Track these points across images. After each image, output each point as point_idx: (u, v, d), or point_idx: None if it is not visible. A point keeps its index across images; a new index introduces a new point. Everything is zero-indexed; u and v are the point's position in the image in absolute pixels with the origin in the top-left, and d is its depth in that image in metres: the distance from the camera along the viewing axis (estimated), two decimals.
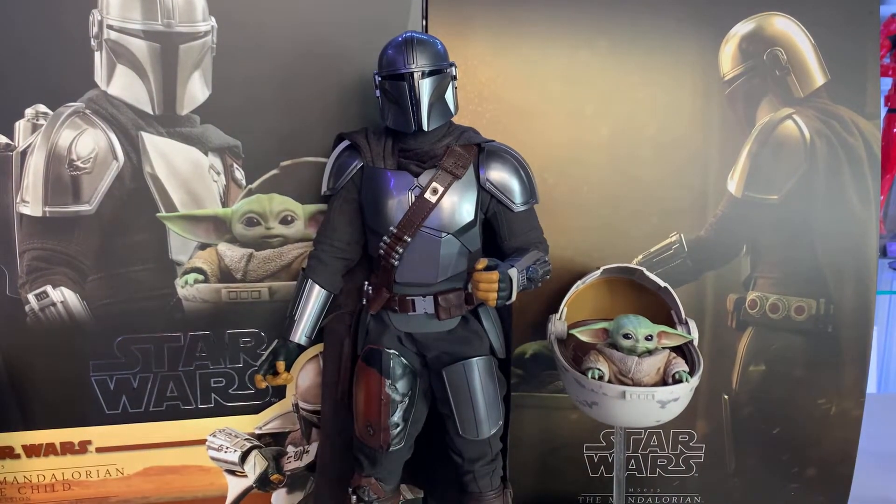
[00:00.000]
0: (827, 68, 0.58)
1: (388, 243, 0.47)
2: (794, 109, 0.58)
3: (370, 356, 0.51)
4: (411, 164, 0.46)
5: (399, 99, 0.44)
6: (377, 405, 0.50)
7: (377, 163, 0.46)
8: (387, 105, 0.45)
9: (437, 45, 0.46)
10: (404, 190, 0.46)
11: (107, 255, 0.56)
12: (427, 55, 0.44)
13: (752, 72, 0.58)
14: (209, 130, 0.55)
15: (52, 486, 0.60)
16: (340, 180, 0.48)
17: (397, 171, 0.46)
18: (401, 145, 0.46)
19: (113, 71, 0.53)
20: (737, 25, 0.58)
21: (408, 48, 0.44)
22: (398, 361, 0.50)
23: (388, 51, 0.45)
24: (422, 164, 0.46)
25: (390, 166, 0.46)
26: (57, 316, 0.55)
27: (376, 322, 0.52)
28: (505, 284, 0.40)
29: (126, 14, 0.52)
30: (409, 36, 0.45)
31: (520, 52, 0.55)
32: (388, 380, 0.50)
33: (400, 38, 0.45)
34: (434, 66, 0.45)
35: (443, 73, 0.45)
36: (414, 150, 0.46)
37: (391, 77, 0.44)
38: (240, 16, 0.55)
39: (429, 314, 0.50)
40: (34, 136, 0.53)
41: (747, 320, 0.59)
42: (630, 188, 0.58)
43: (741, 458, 0.61)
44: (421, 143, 0.46)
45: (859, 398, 0.60)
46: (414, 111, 0.44)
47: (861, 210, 0.60)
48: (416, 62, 0.44)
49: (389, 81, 0.44)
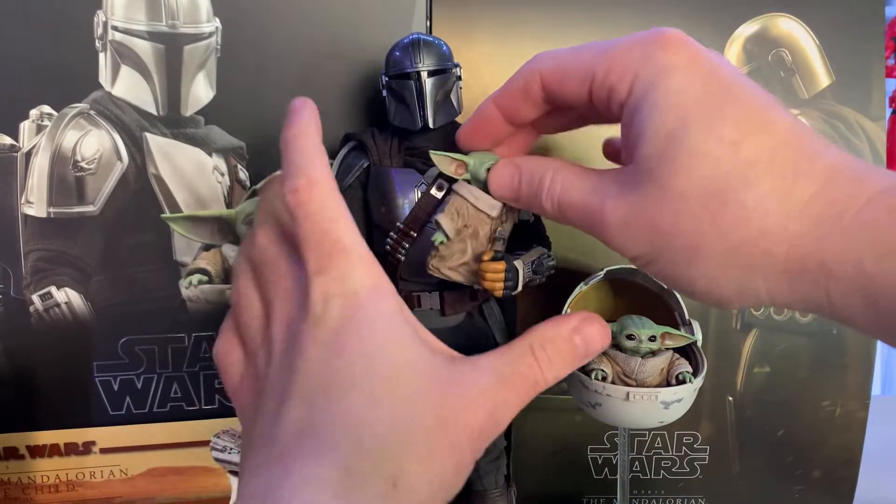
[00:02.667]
0: (832, 69, 0.57)
1: (395, 239, 0.47)
2: (799, 111, 0.58)
3: None
4: (417, 161, 0.45)
5: (406, 97, 0.44)
6: None
7: (384, 162, 0.45)
8: (393, 104, 0.45)
9: (443, 47, 0.46)
10: (411, 187, 0.46)
11: (111, 256, 0.56)
12: (433, 55, 0.45)
13: (756, 73, 0.58)
14: (213, 131, 0.55)
15: (57, 487, 0.60)
16: (347, 179, 0.48)
17: (404, 168, 0.46)
18: (407, 144, 0.45)
19: (117, 72, 0.53)
20: (741, 26, 0.57)
21: (414, 49, 0.44)
22: None
23: (396, 52, 0.46)
24: (428, 162, 0.46)
25: (396, 164, 0.45)
26: (61, 317, 0.55)
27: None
28: (511, 274, 0.39)
29: (131, 15, 0.52)
30: (415, 37, 0.45)
31: (524, 52, 0.55)
32: None
33: (406, 40, 0.45)
34: (439, 66, 0.44)
35: (448, 72, 0.45)
36: (420, 149, 0.45)
37: (398, 76, 0.45)
38: (244, 17, 0.54)
39: (434, 310, 0.49)
40: (39, 137, 0.53)
41: (752, 322, 0.59)
42: None
43: (746, 460, 0.61)
44: (427, 142, 0.45)
45: (864, 400, 0.59)
46: (420, 109, 0.44)
47: None
48: (423, 62, 0.44)
49: (396, 80, 0.44)
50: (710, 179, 0.26)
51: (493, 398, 0.26)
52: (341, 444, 0.22)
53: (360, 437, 0.23)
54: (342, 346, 0.24)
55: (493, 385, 0.26)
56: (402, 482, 0.23)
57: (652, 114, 0.27)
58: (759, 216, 0.26)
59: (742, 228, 0.26)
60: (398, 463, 0.23)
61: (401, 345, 0.25)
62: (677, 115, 0.26)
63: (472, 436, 0.25)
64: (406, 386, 0.24)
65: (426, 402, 0.24)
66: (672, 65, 0.27)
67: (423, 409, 0.24)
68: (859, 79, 0.57)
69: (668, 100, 0.26)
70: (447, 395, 0.25)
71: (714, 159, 0.26)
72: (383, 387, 0.24)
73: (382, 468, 0.22)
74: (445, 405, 0.25)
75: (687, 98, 0.26)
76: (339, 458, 0.22)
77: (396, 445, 0.23)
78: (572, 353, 0.30)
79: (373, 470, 0.22)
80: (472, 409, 0.26)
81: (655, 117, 0.27)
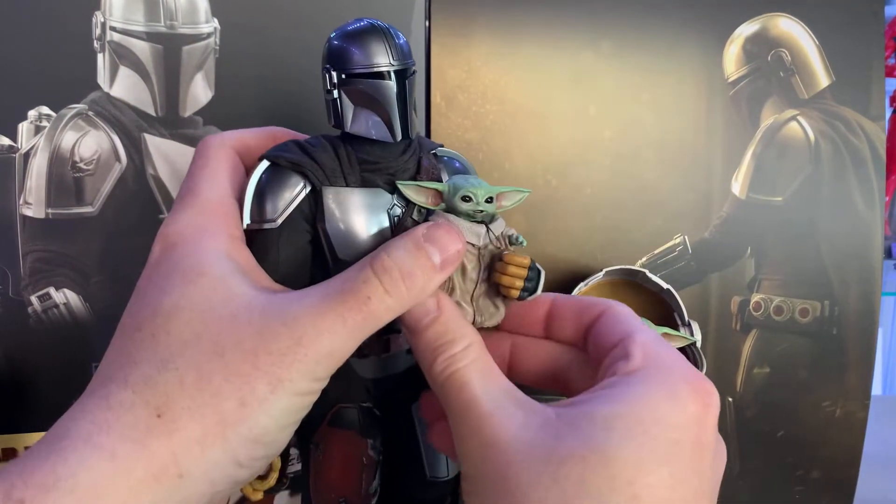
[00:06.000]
0: (832, 69, 0.57)
1: None
2: (798, 111, 0.58)
3: (342, 417, 0.41)
4: (378, 178, 0.36)
5: (384, 102, 0.35)
6: (358, 473, 0.41)
7: (336, 181, 0.36)
8: (352, 109, 0.36)
9: (402, 37, 0.37)
10: (381, 210, 0.36)
11: (110, 257, 0.56)
12: (405, 50, 0.36)
13: (756, 73, 0.57)
14: (212, 132, 0.55)
15: None
16: (283, 211, 0.36)
17: (366, 188, 0.36)
18: (361, 157, 0.36)
19: (116, 73, 0.53)
20: (741, 27, 0.57)
21: (388, 41, 0.35)
22: (373, 415, 0.41)
23: (354, 43, 0.36)
24: (393, 179, 0.37)
25: (354, 183, 0.36)
26: (60, 318, 0.55)
27: (337, 377, 0.38)
28: (533, 273, 0.33)
29: (129, 16, 0.52)
30: (382, 25, 0.36)
31: (523, 53, 0.55)
32: (370, 440, 0.41)
33: (365, 26, 0.35)
34: (410, 63, 0.37)
35: (415, 71, 0.37)
36: (381, 164, 0.36)
37: (367, 76, 0.35)
38: (243, 18, 0.54)
39: (400, 351, 0.40)
40: (37, 138, 0.53)
41: (751, 323, 0.59)
42: (633, 190, 0.58)
43: (746, 461, 0.61)
44: (388, 154, 0.37)
45: (864, 400, 0.59)
46: (401, 117, 0.35)
47: (866, 211, 0.60)
48: (399, 58, 0.35)
49: (368, 80, 0.35)
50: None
51: (304, 322, 0.25)
52: (115, 375, 0.25)
53: (127, 373, 0.25)
54: (146, 284, 0.27)
55: (306, 309, 0.26)
56: (167, 413, 0.24)
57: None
58: None
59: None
60: (163, 396, 0.24)
61: (203, 281, 0.26)
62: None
63: (269, 360, 0.24)
64: (189, 321, 0.25)
65: (204, 334, 0.25)
66: (672, 440, 0.24)
67: (200, 342, 0.25)
68: (859, 79, 0.57)
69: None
70: (238, 325, 0.25)
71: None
72: (160, 324, 0.25)
73: (144, 398, 0.24)
74: (227, 335, 0.25)
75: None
76: (113, 387, 0.25)
77: (162, 381, 0.24)
78: (421, 260, 0.28)
79: (134, 400, 0.24)
80: (268, 335, 0.25)
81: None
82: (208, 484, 0.25)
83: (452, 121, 0.55)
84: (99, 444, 0.23)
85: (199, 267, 0.27)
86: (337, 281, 0.27)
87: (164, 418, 0.24)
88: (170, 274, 0.27)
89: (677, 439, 0.23)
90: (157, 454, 0.23)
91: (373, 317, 0.26)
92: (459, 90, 0.55)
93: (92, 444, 0.23)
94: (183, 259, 0.27)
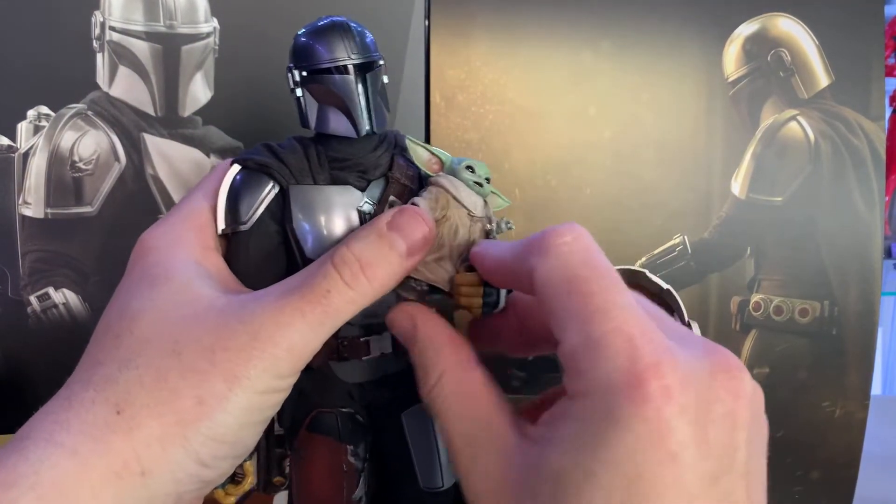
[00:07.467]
0: (831, 69, 0.57)
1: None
2: (798, 111, 0.58)
3: (321, 422, 0.39)
4: (349, 176, 0.36)
5: (344, 97, 0.34)
6: (339, 481, 0.38)
7: (304, 180, 0.35)
8: (316, 106, 0.35)
9: (367, 33, 0.37)
10: (350, 208, 0.36)
11: (109, 257, 0.56)
12: (367, 44, 0.36)
13: (756, 73, 0.57)
14: (211, 132, 0.55)
15: None
16: (253, 212, 0.36)
17: (336, 185, 0.36)
18: (332, 154, 0.36)
19: (115, 72, 0.53)
20: (741, 26, 0.57)
21: (348, 36, 0.35)
22: (355, 421, 0.39)
23: (317, 40, 0.35)
24: (364, 176, 0.36)
25: (324, 181, 0.36)
26: (59, 318, 0.55)
27: (316, 380, 0.39)
28: (491, 289, 0.32)
29: (128, 15, 0.52)
30: (342, 21, 0.35)
31: (523, 52, 0.55)
32: (351, 446, 0.39)
33: (326, 23, 0.35)
34: (374, 57, 0.36)
35: (380, 65, 0.37)
36: (351, 161, 0.36)
37: (327, 71, 0.35)
38: (242, 17, 0.54)
39: (385, 354, 0.39)
40: (36, 138, 0.53)
41: (751, 323, 0.59)
42: (633, 190, 0.58)
43: None
44: (359, 150, 0.36)
45: (864, 400, 0.59)
46: (367, 111, 0.35)
47: (865, 211, 0.59)
48: (360, 52, 0.35)
49: (328, 76, 0.35)
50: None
51: (262, 319, 0.25)
52: (79, 376, 0.26)
53: (90, 374, 0.26)
54: (119, 290, 0.28)
55: (264, 306, 0.26)
56: (126, 410, 0.24)
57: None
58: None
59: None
60: (124, 394, 0.25)
61: (169, 285, 0.27)
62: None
63: (225, 357, 0.25)
64: (152, 322, 0.26)
65: (165, 333, 0.26)
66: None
67: (160, 341, 0.25)
68: (859, 78, 0.57)
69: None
70: (198, 325, 0.26)
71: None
72: (125, 325, 0.26)
73: (105, 396, 0.25)
74: (186, 334, 0.26)
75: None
76: (76, 388, 0.25)
77: (123, 379, 0.25)
78: (383, 250, 0.27)
79: (94, 398, 0.25)
80: (225, 333, 0.25)
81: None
82: (173, 483, 0.25)
83: (452, 121, 0.55)
84: (60, 442, 0.24)
85: (167, 273, 0.27)
86: (298, 277, 0.27)
87: (124, 415, 0.24)
88: (140, 279, 0.28)
89: (637, 474, 0.21)
90: (118, 451, 0.24)
91: (334, 310, 0.26)
92: (459, 90, 0.55)
93: (53, 443, 0.24)
94: (153, 266, 0.28)
